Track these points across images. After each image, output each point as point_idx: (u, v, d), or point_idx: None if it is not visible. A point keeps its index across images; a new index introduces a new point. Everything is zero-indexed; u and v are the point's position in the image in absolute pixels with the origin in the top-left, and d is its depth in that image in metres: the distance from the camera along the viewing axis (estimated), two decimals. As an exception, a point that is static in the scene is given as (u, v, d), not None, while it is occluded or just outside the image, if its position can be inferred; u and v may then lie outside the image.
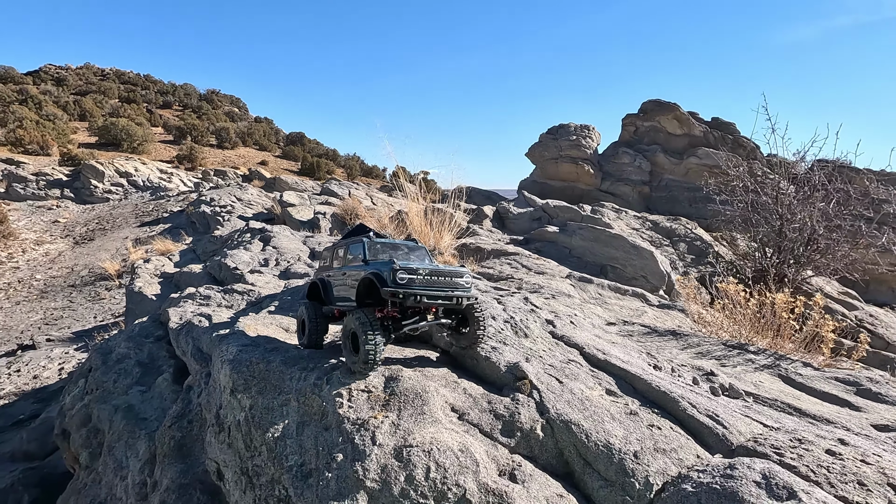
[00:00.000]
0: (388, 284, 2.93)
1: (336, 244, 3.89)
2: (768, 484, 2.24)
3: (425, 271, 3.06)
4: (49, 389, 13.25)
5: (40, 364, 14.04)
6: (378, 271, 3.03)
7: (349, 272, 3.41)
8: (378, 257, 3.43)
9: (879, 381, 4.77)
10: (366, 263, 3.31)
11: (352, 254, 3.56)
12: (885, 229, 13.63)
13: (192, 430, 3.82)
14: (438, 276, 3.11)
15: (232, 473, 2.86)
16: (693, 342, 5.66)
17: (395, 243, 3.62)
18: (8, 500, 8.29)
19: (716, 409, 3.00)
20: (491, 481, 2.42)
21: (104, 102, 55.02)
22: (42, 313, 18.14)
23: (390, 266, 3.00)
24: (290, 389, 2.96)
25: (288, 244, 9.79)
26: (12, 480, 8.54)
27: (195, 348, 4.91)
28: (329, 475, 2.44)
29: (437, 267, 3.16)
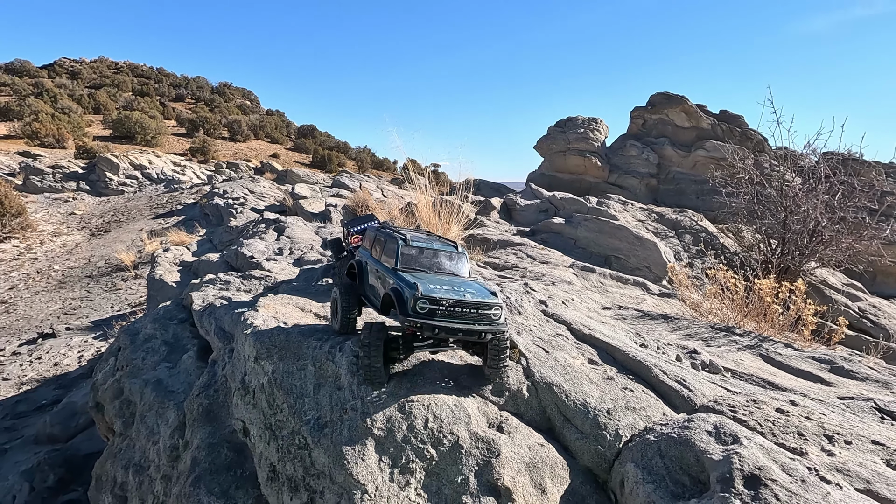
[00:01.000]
0: (408, 311, 2.85)
1: (376, 229, 3.73)
2: (717, 432, 2.61)
3: (449, 302, 2.89)
4: (70, 376, 13.81)
5: (60, 352, 14.61)
6: (400, 292, 2.94)
7: (380, 271, 3.32)
8: (411, 266, 3.25)
9: (853, 360, 5.09)
10: (395, 272, 3.17)
11: (386, 252, 3.38)
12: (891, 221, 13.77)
13: (217, 398, 4.25)
14: (464, 307, 2.91)
15: (257, 429, 3.29)
16: (683, 325, 6.00)
17: (434, 248, 3.39)
18: (35, 479, 8.85)
19: (685, 376, 3.38)
20: (481, 431, 2.82)
21: (118, 96, 55.83)
22: (61, 303, 18.67)
23: (413, 291, 2.87)
24: (308, 356, 3.37)
25: (301, 234, 10.23)
26: (38, 461, 9.11)
27: (218, 327, 5.35)
28: (342, 426, 2.85)
29: (463, 297, 2.93)
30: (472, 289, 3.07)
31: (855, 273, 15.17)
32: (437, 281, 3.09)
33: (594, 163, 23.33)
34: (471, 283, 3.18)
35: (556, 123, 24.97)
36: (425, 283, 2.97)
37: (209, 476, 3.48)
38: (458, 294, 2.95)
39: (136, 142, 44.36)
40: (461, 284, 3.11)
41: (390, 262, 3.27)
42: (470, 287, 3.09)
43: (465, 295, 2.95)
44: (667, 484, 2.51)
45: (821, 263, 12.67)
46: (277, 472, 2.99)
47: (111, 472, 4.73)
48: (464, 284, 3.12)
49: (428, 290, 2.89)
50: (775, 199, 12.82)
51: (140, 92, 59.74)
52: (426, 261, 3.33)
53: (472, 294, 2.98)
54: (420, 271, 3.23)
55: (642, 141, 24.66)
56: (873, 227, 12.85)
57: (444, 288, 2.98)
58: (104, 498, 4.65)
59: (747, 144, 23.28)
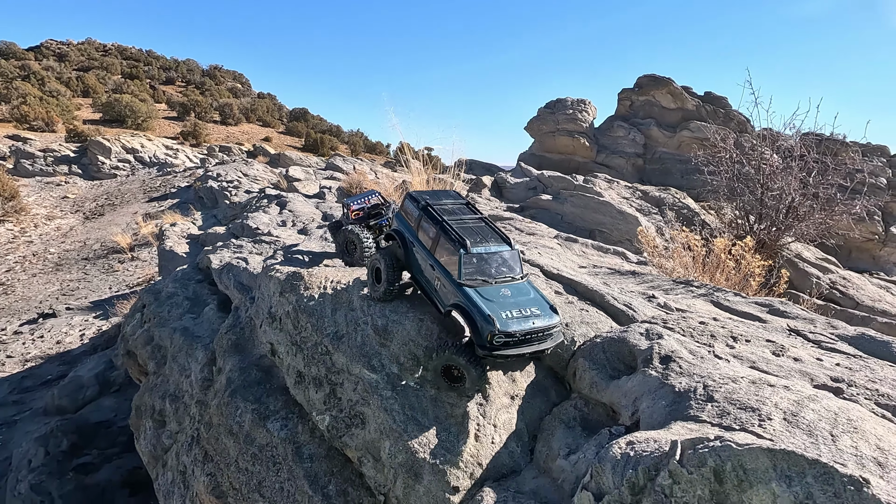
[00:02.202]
0: (485, 344, 3.05)
1: (422, 208, 3.71)
2: (647, 333, 3.41)
3: (523, 333, 3.10)
4: (73, 353, 14.36)
5: (62, 330, 15.12)
6: (475, 322, 3.10)
7: (440, 274, 3.43)
8: (474, 277, 3.32)
9: (788, 304, 5.91)
10: (460, 287, 3.27)
11: (441, 249, 3.46)
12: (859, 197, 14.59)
13: (243, 334, 5.00)
14: (534, 334, 3.16)
15: (284, 347, 4.05)
16: (648, 279, 6.78)
17: (492, 252, 3.44)
18: (49, 444, 9.54)
19: (631, 301, 4.17)
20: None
21: (107, 78, 55.41)
22: (59, 285, 18.95)
23: (490, 327, 3.03)
24: (324, 289, 4.12)
25: (302, 208, 10.91)
26: (51, 428, 9.79)
27: (237, 282, 6.09)
28: (356, 335, 3.63)
29: (534, 326, 3.16)
30: (538, 307, 3.29)
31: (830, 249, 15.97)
32: (506, 304, 3.23)
33: (582, 143, 24.04)
34: (534, 300, 3.36)
35: (545, 105, 25.60)
36: (497, 312, 3.13)
37: (243, 389, 4.24)
38: (528, 322, 3.15)
39: (126, 125, 44.23)
40: (527, 304, 3.28)
41: (451, 270, 3.35)
42: (534, 305, 3.29)
43: (534, 322, 3.16)
44: (607, 370, 3.30)
45: (796, 238, 13.46)
46: (304, 376, 3.75)
47: (149, 402, 5.48)
48: (529, 303, 3.29)
49: (504, 325, 3.07)
50: (753, 176, 13.53)
51: (129, 75, 59.25)
52: (487, 268, 3.40)
53: (539, 318, 3.21)
54: (484, 283, 3.34)
55: (629, 122, 25.37)
56: (844, 203, 13.68)
57: (515, 315, 3.16)
58: (144, 423, 5.41)
59: (731, 125, 24.02)
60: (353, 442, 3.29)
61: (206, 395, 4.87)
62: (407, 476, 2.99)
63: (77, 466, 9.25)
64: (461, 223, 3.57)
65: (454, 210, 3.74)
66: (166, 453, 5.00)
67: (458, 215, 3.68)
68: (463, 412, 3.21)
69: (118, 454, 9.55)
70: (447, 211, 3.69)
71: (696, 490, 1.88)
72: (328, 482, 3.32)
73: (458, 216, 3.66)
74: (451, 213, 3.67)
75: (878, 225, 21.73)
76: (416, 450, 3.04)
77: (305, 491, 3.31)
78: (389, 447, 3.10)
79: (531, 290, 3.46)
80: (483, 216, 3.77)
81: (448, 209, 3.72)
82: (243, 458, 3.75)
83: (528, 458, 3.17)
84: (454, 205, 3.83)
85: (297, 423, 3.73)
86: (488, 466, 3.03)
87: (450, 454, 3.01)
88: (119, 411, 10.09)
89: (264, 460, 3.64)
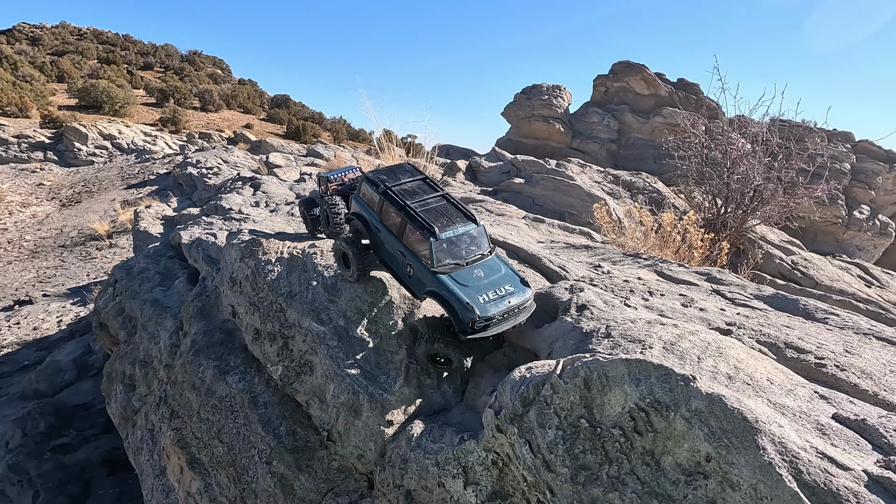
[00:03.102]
0: (466, 330, 3.17)
1: (382, 192, 3.64)
2: (571, 288, 3.78)
3: (501, 313, 3.23)
4: (50, 339, 14.38)
5: (39, 317, 15.09)
6: (455, 311, 3.20)
7: (411, 261, 3.44)
8: (445, 262, 3.35)
9: (725, 273, 6.34)
10: (435, 276, 3.30)
11: (410, 238, 3.45)
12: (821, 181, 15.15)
13: (209, 301, 5.27)
14: (510, 312, 3.28)
15: (243, 308, 4.35)
16: (599, 252, 7.17)
17: (459, 233, 3.46)
18: (26, 425, 9.68)
19: (566, 264, 4.54)
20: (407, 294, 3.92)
21: (83, 63, 54.31)
22: (35, 272, 18.75)
23: (471, 315, 3.12)
24: (280, 254, 4.42)
25: (276, 190, 11.12)
26: (29, 410, 9.93)
27: (205, 255, 6.35)
28: (308, 293, 3.94)
29: (510, 304, 3.27)
30: (511, 283, 3.40)
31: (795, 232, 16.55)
32: (481, 286, 3.30)
33: (558, 128, 24.41)
34: (506, 276, 3.47)
35: (522, 91, 25.89)
36: (475, 297, 3.20)
37: (206, 349, 4.54)
38: (504, 301, 3.26)
39: (103, 112, 43.48)
40: (500, 282, 3.38)
41: (423, 257, 3.36)
42: (507, 282, 3.40)
43: (510, 301, 3.28)
44: (533, 320, 3.66)
45: (761, 221, 13.99)
46: (260, 332, 4.07)
47: (120, 368, 5.75)
48: (502, 281, 3.39)
49: (483, 310, 3.16)
50: (721, 161, 13.99)
51: (106, 60, 58.09)
52: (457, 251, 3.42)
53: (514, 296, 3.33)
54: (456, 266, 3.38)
55: (604, 108, 25.78)
56: (806, 187, 14.23)
57: (492, 297, 3.25)
58: (115, 388, 5.69)
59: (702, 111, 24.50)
60: (302, 388, 3.61)
61: (174, 360, 5.15)
62: (348, 414, 3.34)
63: (55, 447, 9.37)
64: (425, 205, 3.54)
65: (415, 190, 3.68)
66: (136, 414, 5.29)
67: (419, 196, 3.62)
68: (402, 358, 3.55)
69: (96, 435, 9.72)
70: (408, 192, 3.64)
71: (570, 397, 2.24)
72: (279, 424, 3.65)
73: (420, 197, 3.61)
74: (412, 195, 3.62)
75: (842, 209, 22.42)
76: (357, 391, 3.38)
77: (259, 433, 3.63)
78: (333, 389, 3.44)
79: (501, 265, 3.56)
80: (443, 192, 3.77)
81: (408, 190, 3.67)
82: (204, 409, 4.06)
83: (459, 399, 3.52)
84: (413, 183, 3.77)
85: (253, 376, 4.05)
86: (422, 404, 3.38)
87: (387, 394, 3.35)
88: (97, 394, 10.20)
89: (223, 410, 3.95)
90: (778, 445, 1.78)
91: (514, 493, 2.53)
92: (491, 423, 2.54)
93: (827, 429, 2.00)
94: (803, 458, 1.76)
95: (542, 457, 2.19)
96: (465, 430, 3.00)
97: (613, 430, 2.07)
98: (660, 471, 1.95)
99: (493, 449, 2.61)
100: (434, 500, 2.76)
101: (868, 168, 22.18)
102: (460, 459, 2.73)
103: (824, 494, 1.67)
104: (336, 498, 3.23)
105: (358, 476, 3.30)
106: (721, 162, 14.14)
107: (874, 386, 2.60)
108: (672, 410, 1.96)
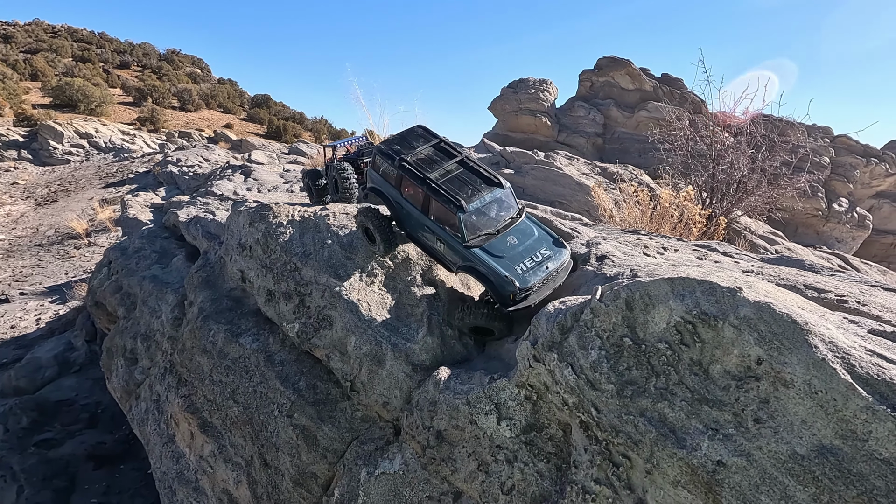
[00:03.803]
0: (507, 304, 3.07)
1: (399, 166, 3.48)
2: (587, 243, 3.83)
3: (541, 281, 3.12)
4: (29, 337, 13.96)
5: (16, 315, 14.65)
6: (494, 285, 3.09)
7: (441, 237, 3.30)
8: (478, 234, 3.22)
9: (725, 245, 6.46)
10: (469, 250, 3.18)
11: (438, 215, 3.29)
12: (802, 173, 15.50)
13: (213, 272, 5.19)
14: (550, 277, 3.18)
15: (254, 271, 4.29)
16: (599, 229, 7.24)
17: (486, 203, 3.32)
18: (8, 421, 9.40)
19: (577, 226, 4.58)
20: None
21: (57, 61, 53.03)
22: (10, 271, 18.24)
23: (511, 288, 3.01)
24: (291, 217, 4.37)
25: (267, 176, 11.02)
26: (10, 406, 9.64)
27: (205, 231, 6.25)
28: (323, 251, 3.90)
29: (549, 269, 3.17)
30: (545, 247, 3.30)
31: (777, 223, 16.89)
32: (517, 255, 3.19)
33: (544, 122, 24.60)
34: (540, 238, 3.36)
35: (508, 85, 26.04)
36: (512, 268, 3.10)
37: (216, 315, 4.46)
38: (542, 269, 3.15)
39: (79, 110, 42.46)
40: (535, 247, 3.27)
41: (453, 232, 3.22)
42: (542, 245, 3.29)
43: (547, 266, 3.16)
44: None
45: (745, 212, 14.24)
46: (273, 293, 4.01)
47: (120, 343, 5.62)
48: (537, 245, 3.29)
49: (523, 281, 3.05)
50: (706, 153, 14.20)
51: (81, 58, 56.80)
52: (487, 220, 3.30)
53: (551, 260, 3.22)
54: (488, 237, 3.25)
55: (590, 102, 26.05)
56: (788, 178, 14.54)
57: (529, 265, 3.14)
58: (116, 362, 5.56)
59: (686, 105, 24.90)
60: (321, 342, 3.57)
61: (177, 331, 5.06)
62: (371, 363, 3.31)
63: (39, 442, 9.11)
64: (445, 175, 3.39)
65: (431, 158, 3.54)
66: (139, 387, 5.17)
67: (438, 165, 3.46)
68: (422, 310, 3.54)
69: (81, 430, 9.47)
70: (425, 162, 3.48)
71: (612, 318, 2.26)
72: (298, 380, 3.60)
73: (438, 166, 3.45)
74: (430, 165, 3.46)
75: (822, 202, 22.93)
76: (379, 341, 3.36)
77: (278, 388, 3.58)
78: (355, 341, 3.41)
79: (533, 227, 3.46)
80: (462, 156, 3.62)
81: (425, 158, 3.52)
82: (217, 371, 3.99)
83: (480, 350, 3.52)
84: (428, 149, 3.62)
85: (267, 337, 4.00)
86: (444, 354, 3.37)
87: (410, 343, 3.33)
88: (80, 390, 9.96)
89: (237, 371, 3.89)
90: (829, 344, 1.82)
91: (550, 423, 2.54)
92: (527, 354, 2.55)
93: (867, 338, 2.05)
94: (854, 355, 1.79)
95: (586, 376, 2.20)
96: (492, 373, 3.00)
97: (659, 344, 2.09)
98: (708, 379, 1.98)
99: (526, 383, 2.61)
100: (466, 438, 2.75)
101: (846, 161, 22.73)
102: (492, 397, 2.73)
103: (878, 384, 1.71)
104: (361, 445, 3.20)
105: (383, 424, 3.28)
106: (707, 153, 14.37)
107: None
108: (720, 320, 1.99)
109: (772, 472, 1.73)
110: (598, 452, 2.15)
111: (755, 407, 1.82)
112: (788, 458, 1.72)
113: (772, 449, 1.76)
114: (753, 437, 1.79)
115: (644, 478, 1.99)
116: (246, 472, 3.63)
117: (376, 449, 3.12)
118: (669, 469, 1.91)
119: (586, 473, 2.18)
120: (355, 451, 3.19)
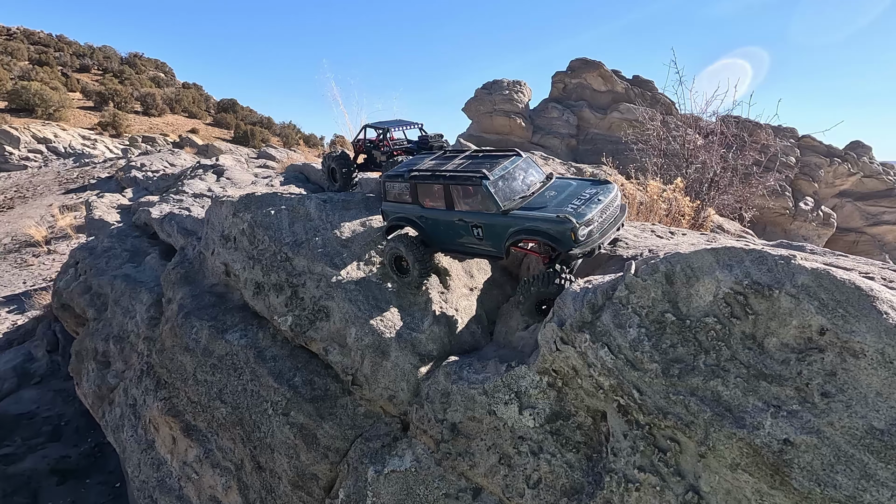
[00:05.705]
0: (571, 245, 2.70)
1: (416, 177, 3.29)
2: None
3: (599, 215, 2.82)
4: None
5: None
6: (544, 231, 2.77)
7: (477, 220, 3.05)
8: (511, 198, 3.04)
9: (717, 232, 6.45)
10: (504, 216, 2.93)
11: (468, 200, 3.08)
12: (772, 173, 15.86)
13: (192, 268, 4.86)
14: (606, 211, 2.90)
15: (240, 263, 3.99)
16: (588, 222, 7.21)
17: (508, 170, 3.16)
18: None
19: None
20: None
21: (12, 65, 50.77)
22: None
23: (567, 224, 2.69)
24: (280, 205, 4.10)
25: (240, 175, 10.59)
26: None
27: (180, 227, 5.89)
28: (315, 239, 3.64)
29: (603, 202, 2.88)
30: (588, 189, 3.06)
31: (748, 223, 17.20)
32: (561, 200, 2.93)
33: (519, 123, 24.64)
34: (580, 185, 3.15)
35: (482, 86, 26.03)
36: (561, 209, 2.81)
37: (198, 311, 4.15)
38: (595, 202, 2.83)
39: (36, 115, 40.64)
40: (578, 191, 3.03)
41: (486, 207, 2.99)
42: (584, 189, 3.01)
43: (599, 198, 2.87)
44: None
45: (718, 211, 14.42)
46: (262, 285, 3.73)
47: (91, 346, 5.22)
48: (579, 190, 3.05)
49: (577, 215, 2.73)
50: (679, 152, 14.35)
51: (38, 61, 54.45)
52: (516, 184, 3.13)
53: (601, 193, 2.93)
54: (523, 199, 3.04)
55: (563, 104, 26.23)
56: (759, 177, 14.83)
57: (577, 202, 2.85)
58: (87, 366, 5.15)
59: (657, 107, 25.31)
60: (318, 335, 3.32)
61: (154, 331, 4.71)
62: (374, 355, 3.07)
63: (-1, 457, 8.59)
64: (460, 166, 3.25)
65: (440, 163, 3.38)
66: (112, 392, 4.79)
67: (449, 162, 3.34)
68: (426, 299, 3.32)
69: (43, 444, 8.99)
70: (434, 167, 3.31)
71: (650, 293, 2.09)
72: (293, 375, 3.34)
73: (449, 162, 3.34)
74: (440, 166, 3.30)
75: (789, 200, 23.51)
76: (382, 331, 3.13)
77: (271, 385, 3.31)
78: (356, 332, 3.17)
79: (570, 181, 3.26)
80: (470, 151, 3.53)
81: (433, 165, 3.34)
82: (202, 370, 3.68)
83: (488, 339, 3.32)
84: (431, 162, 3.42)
85: (256, 332, 3.72)
86: (451, 343, 3.16)
87: (415, 332, 3.11)
88: (41, 403, 9.47)
89: (224, 369, 3.60)
90: (897, 309, 1.68)
91: (578, 411, 2.36)
92: (552, 337, 2.36)
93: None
94: (924, 320, 1.66)
95: (625, 356, 2.03)
96: (507, 361, 2.80)
97: (706, 319, 1.93)
98: (764, 353, 1.83)
99: (550, 368, 2.43)
100: (484, 430, 2.55)
101: (811, 161, 23.37)
102: (511, 385, 2.53)
103: (955, 349, 1.58)
104: (366, 443, 2.95)
105: (389, 419, 3.04)
106: (679, 153, 14.52)
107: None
108: (775, 289, 1.84)
109: (847, 449, 1.59)
110: (641, 437, 1.97)
111: (821, 380, 1.68)
112: (866, 434, 1.58)
113: (845, 424, 1.61)
114: (822, 413, 1.64)
115: (696, 462, 1.83)
116: (236, 476, 3.34)
117: (383, 446, 2.89)
118: (727, 451, 1.75)
119: (627, 461, 2.00)
120: (360, 450, 2.95)
